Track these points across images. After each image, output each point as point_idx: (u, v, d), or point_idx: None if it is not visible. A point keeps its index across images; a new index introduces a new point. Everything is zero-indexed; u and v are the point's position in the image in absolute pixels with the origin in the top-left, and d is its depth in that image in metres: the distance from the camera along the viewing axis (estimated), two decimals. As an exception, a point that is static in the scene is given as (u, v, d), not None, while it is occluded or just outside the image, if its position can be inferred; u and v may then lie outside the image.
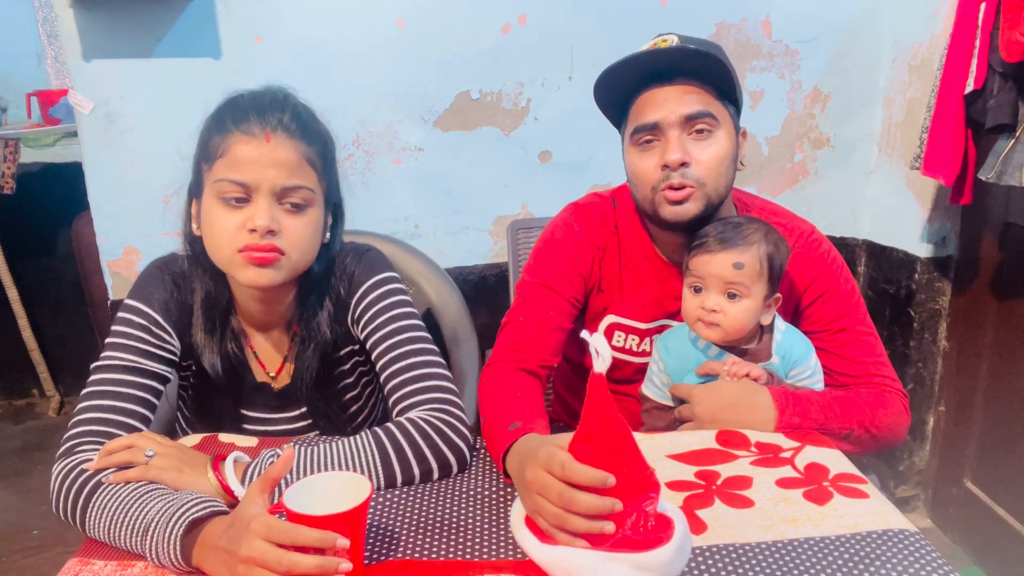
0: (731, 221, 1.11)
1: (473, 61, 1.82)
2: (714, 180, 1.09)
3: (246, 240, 0.94)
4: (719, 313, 1.08)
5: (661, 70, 1.09)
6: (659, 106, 1.08)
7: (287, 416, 1.14)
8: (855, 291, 1.22)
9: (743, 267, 1.06)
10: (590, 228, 1.22)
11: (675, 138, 1.07)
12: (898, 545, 0.78)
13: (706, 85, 1.09)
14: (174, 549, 0.74)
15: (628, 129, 1.14)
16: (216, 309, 1.05)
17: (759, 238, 1.08)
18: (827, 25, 1.95)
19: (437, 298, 1.42)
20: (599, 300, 1.23)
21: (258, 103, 0.97)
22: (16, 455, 2.64)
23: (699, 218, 1.10)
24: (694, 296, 1.11)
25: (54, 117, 2.66)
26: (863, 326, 1.19)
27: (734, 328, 1.08)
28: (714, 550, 0.78)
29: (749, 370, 1.08)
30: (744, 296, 1.07)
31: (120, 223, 1.72)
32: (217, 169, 0.95)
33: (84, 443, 0.91)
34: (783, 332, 1.14)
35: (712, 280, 1.08)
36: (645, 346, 1.24)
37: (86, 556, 0.81)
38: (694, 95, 1.08)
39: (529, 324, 1.17)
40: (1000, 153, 1.52)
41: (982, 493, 1.90)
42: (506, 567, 0.76)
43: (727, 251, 1.07)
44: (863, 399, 1.12)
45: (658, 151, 1.09)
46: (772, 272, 1.08)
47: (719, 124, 1.09)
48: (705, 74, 1.08)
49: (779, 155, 2.04)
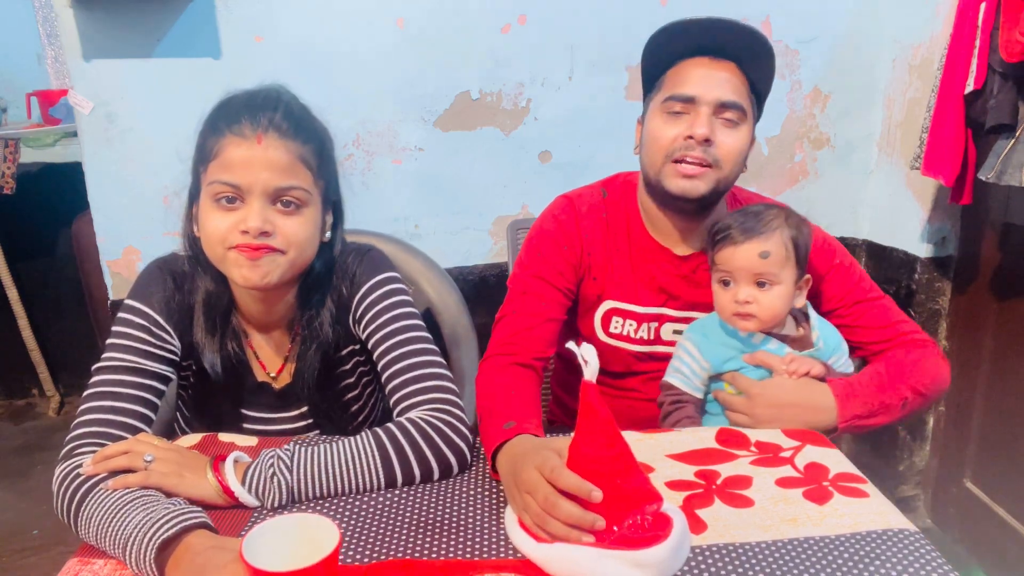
0: (749, 210, 1.11)
1: (473, 61, 1.82)
2: (729, 166, 1.11)
3: (239, 240, 0.94)
4: (752, 304, 1.08)
5: (712, 45, 1.10)
6: (700, 82, 1.10)
7: (287, 416, 1.14)
8: (854, 263, 1.24)
9: (769, 255, 1.07)
10: (578, 217, 1.22)
11: (706, 114, 1.09)
12: (898, 545, 0.78)
13: (747, 78, 1.11)
14: (150, 566, 0.74)
15: (659, 95, 1.14)
16: (217, 309, 1.05)
17: (780, 223, 1.09)
18: (827, 25, 1.95)
19: (437, 298, 1.42)
20: (593, 288, 1.23)
21: (250, 104, 0.97)
22: (16, 455, 2.64)
23: (703, 199, 1.12)
24: (725, 290, 1.11)
25: (54, 117, 2.66)
26: (874, 292, 1.22)
27: (769, 316, 1.09)
28: (714, 549, 0.78)
29: (809, 368, 1.09)
30: (775, 283, 1.08)
31: (120, 223, 1.72)
32: (211, 171, 0.95)
33: (86, 444, 0.91)
34: (818, 319, 1.15)
35: (740, 272, 1.08)
36: (643, 332, 1.24)
37: (86, 556, 0.81)
38: (735, 83, 1.10)
39: (522, 316, 1.18)
40: (1000, 153, 1.52)
41: (982, 493, 1.90)
42: (506, 567, 0.76)
43: (751, 241, 1.07)
44: (905, 363, 1.14)
45: (685, 122, 1.10)
46: (799, 254, 1.09)
47: (745, 120, 1.11)
48: (748, 63, 1.10)
49: (779, 155, 2.04)
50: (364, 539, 0.81)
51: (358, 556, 0.79)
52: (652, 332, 1.24)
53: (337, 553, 0.66)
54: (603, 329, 1.25)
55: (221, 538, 0.76)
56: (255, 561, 0.63)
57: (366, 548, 0.80)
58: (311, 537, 0.67)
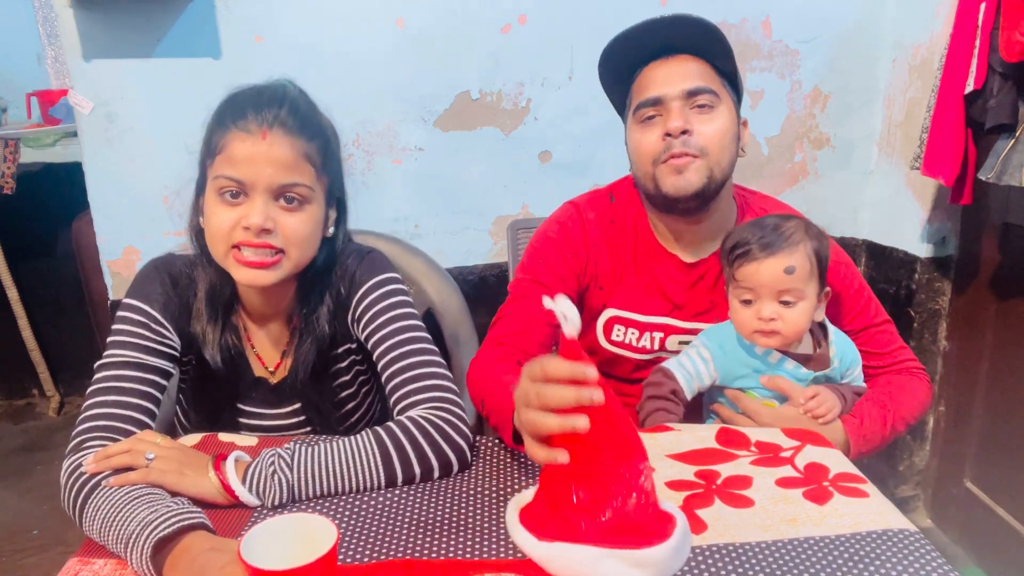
0: (766, 223, 1.08)
1: (473, 61, 1.82)
2: (717, 152, 1.09)
3: (241, 236, 0.95)
4: (777, 320, 1.05)
5: (662, 46, 1.11)
6: (661, 81, 1.10)
7: (282, 412, 1.14)
8: (863, 284, 1.24)
9: (795, 270, 1.03)
10: (585, 225, 1.22)
11: (677, 108, 1.09)
12: (898, 545, 0.78)
13: (707, 63, 1.11)
14: (147, 565, 0.74)
15: (631, 108, 1.15)
16: (220, 300, 1.06)
17: (802, 236, 1.05)
18: (827, 25, 1.95)
19: (438, 298, 1.42)
20: (597, 297, 1.23)
21: (256, 100, 0.97)
22: (16, 455, 2.64)
23: (700, 193, 1.10)
24: (745, 308, 1.07)
25: (54, 117, 2.66)
26: (880, 317, 1.23)
27: (793, 332, 1.06)
28: (714, 549, 0.78)
29: (828, 411, 1.05)
30: (799, 299, 1.04)
31: (120, 223, 1.72)
32: (216, 165, 0.96)
33: (92, 439, 0.91)
34: (835, 333, 1.12)
35: (764, 290, 1.05)
36: (645, 342, 1.23)
37: (86, 556, 0.81)
38: (695, 70, 1.10)
39: (517, 319, 1.17)
40: (1000, 153, 1.52)
41: (982, 493, 1.90)
42: (506, 566, 0.76)
43: (774, 256, 1.04)
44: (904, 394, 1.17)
45: (660, 124, 1.10)
46: (821, 267, 1.06)
47: (720, 100, 1.10)
48: (705, 51, 1.10)
49: (779, 155, 2.04)
50: (364, 539, 0.81)
51: (358, 556, 0.79)
52: (657, 343, 1.23)
53: (335, 551, 0.66)
54: (605, 337, 1.25)
55: (219, 539, 0.76)
56: (253, 561, 0.63)
57: (366, 548, 0.80)
58: (309, 537, 0.67)
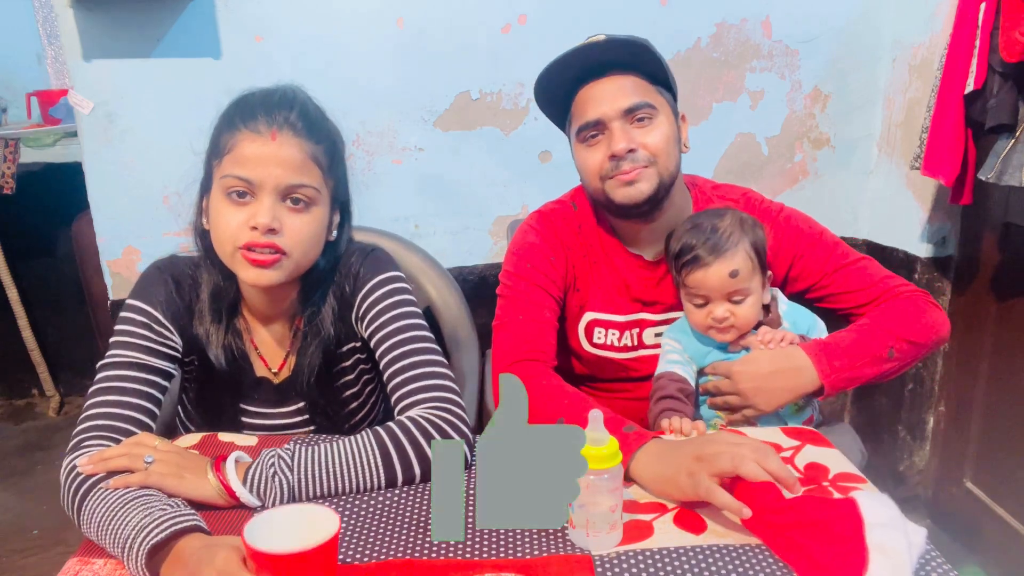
0: (705, 225, 1.12)
1: (473, 61, 1.82)
2: (664, 158, 1.13)
3: (248, 237, 0.95)
4: (730, 317, 1.12)
5: (594, 66, 1.13)
6: (598, 102, 1.12)
7: (285, 411, 1.14)
8: (824, 231, 1.24)
9: (739, 273, 1.10)
10: (557, 231, 1.24)
11: (619, 128, 1.11)
12: (898, 545, 0.78)
13: (639, 75, 1.13)
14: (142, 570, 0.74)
15: (573, 128, 1.17)
16: (224, 300, 1.07)
17: (739, 235, 1.11)
18: (827, 25, 1.95)
19: (438, 297, 1.42)
20: (576, 299, 1.25)
21: (267, 102, 0.99)
22: (16, 455, 2.64)
23: (651, 198, 1.13)
24: (699, 309, 1.14)
25: (54, 117, 2.66)
26: (852, 256, 1.22)
27: (747, 323, 1.13)
28: (714, 549, 0.78)
29: (782, 336, 1.12)
30: (747, 295, 1.12)
31: (120, 223, 1.72)
32: (225, 165, 0.97)
33: (92, 439, 0.92)
34: (788, 305, 1.19)
35: (714, 293, 1.11)
36: (626, 340, 1.26)
37: (86, 556, 0.81)
38: (629, 86, 1.12)
39: (530, 323, 1.18)
40: (1000, 153, 1.52)
41: (982, 493, 1.90)
42: (506, 567, 0.76)
43: (719, 261, 1.10)
44: (889, 313, 1.15)
45: (604, 144, 1.13)
46: (761, 259, 1.13)
47: (658, 111, 1.13)
48: (637, 66, 1.13)
49: (779, 155, 2.04)
50: (364, 539, 0.81)
51: (358, 556, 0.79)
52: (634, 338, 1.26)
53: (336, 539, 0.68)
54: (587, 340, 1.27)
55: (213, 537, 0.77)
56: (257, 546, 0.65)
57: (366, 548, 0.80)
58: (312, 526, 0.69)
